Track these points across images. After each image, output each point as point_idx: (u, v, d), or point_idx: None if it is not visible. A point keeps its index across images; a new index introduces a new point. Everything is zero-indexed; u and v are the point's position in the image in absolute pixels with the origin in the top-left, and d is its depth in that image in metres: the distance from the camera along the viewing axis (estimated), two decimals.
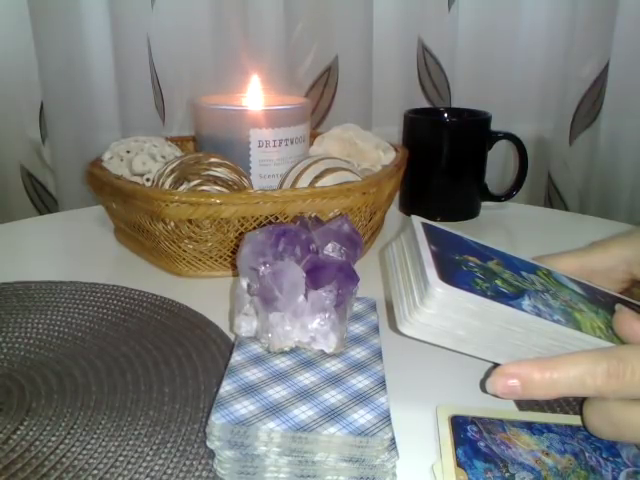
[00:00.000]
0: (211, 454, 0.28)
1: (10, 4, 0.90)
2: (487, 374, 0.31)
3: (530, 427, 0.31)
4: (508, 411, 0.33)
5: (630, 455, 0.29)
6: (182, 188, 0.48)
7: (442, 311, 0.30)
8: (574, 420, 0.31)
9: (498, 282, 0.32)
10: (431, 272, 0.30)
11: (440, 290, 0.29)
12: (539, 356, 0.31)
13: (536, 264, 0.38)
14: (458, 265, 0.33)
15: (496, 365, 0.30)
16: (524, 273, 0.36)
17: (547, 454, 0.29)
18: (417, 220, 0.38)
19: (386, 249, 0.39)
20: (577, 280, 0.38)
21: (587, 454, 0.29)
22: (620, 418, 0.28)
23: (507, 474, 0.27)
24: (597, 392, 0.28)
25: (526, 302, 0.31)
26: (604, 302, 0.36)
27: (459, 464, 0.28)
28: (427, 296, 0.29)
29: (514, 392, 0.29)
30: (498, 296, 0.31)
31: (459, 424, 0.31)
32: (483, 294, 0.30)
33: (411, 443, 0.30)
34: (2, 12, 0.90)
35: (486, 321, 0.30)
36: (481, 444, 0.29)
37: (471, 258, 0.34)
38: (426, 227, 0.37)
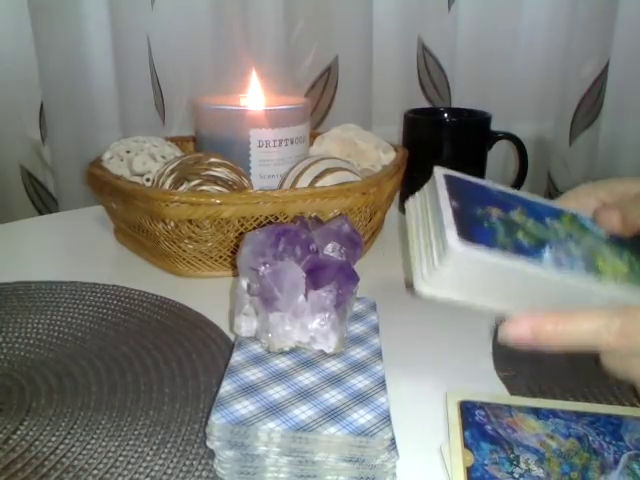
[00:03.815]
0: (211, 454, 0.28)
1: (10, 4, 0.90)
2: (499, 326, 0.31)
3: (536, 412, 0.32)
4: (515, 397, 0.34)
5: (633, 439, 0.30)
6: (182, 188, 0.48)
7: (460, 270, 0.30)
8: (580, 406, 0.32)
9: (519, 235, 0.32)
10: (451, 231, 0.30)
11: (459, 250, 0.29)
12: (557, 306, 0.30)
13: (561, 209, 0.38)
14: (480, 221, 0.33)
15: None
16: (548, 220, 0.35)
17: (552, 437, 0.30)
18: (440, 172, 0.37)
19: (408, 201, 0.38)
20: None
21: (590, 438, 0.30)
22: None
23: (512, 455, 0.28)
24: (608, 348, 0.29)
25: (547, 254, 0.31)
26: (629, 243, 0.36)
27: (466, 445, 0.29)
28: (446, 255, 0.29)
29: (525, 340, 0.29)
30: (518, 251, 0.31)
31: (467, 409, 0.32)
32: (503, 250, 0.30)
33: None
34: (2, 12, 0.90)
35: (504, 277, 0.30)
36: (488, 427, 0.30)
37: (494, 210, 0.34)
38: (448, 179, 0.36)
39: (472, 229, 0.31)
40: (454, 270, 0.30)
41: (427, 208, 0.36)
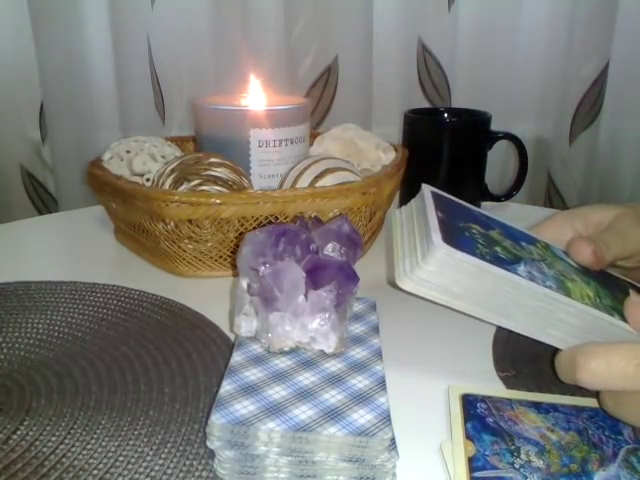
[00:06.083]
0: (211, 454, 0.28)
1: (10, 4, 0.90)
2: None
3: (537, 406, 0.32)
4: (517, 392, 0.34)
5: (631, 434, 0.30)
6: (182, 188, 0.48)
7: (442, 269, 0.32)
8: (580, 401, 0.33)
9: (498, 249, 0.34)
10: (436, 235, 0.32)
11: (443, 250, 0.31)
12: (528, 316, 0.32)
13: (535, 237, 0.40)
14: (462, 231, 0.35)
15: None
16: (523, 243, 0.38)
17: (552, 431, 0.30)
18: (427, 189, 0.40)
19: (393, 212, 0.41)
20: None
21: (590, 431, 0.30)
22: None
23: (512, 447, 0.29)
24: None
25: (521, 268, 0.33)
26: (596, 275, 0.38)
27: (468, 437, 0.30)
28: (430, 255, 0.32)
29: (565, 374, 0.31)
30: (496, 261, 0.33)
31: (469, 402, 0.32)
32: (482, 258, 0.32)
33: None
34: (2, 12, 0.90)
35: (481, 281, 0.32)
36: (489, 420, 0.31)
37: (474, 226, 0.37)
38: (435, 195, 0.39)
39: (455, 236, 0.33)
40: (436, 269, 0.32)
41: (413, 218, 0.38)
